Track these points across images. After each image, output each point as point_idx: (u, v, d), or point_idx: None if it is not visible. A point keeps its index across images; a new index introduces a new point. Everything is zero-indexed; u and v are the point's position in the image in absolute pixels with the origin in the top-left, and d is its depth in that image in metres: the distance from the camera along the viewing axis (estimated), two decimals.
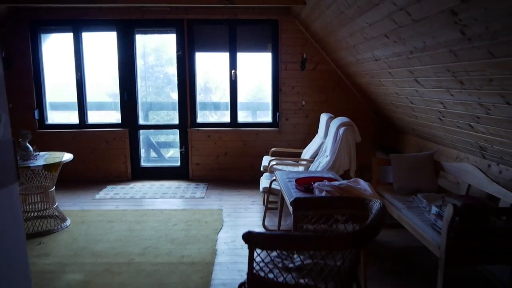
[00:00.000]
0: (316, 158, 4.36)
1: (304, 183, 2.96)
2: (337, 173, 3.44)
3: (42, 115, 5.70)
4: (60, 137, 5.65)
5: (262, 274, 1.87)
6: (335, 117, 4.43)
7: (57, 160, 3.77)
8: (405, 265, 3.14)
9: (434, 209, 2.64)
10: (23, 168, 3.57)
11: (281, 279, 1.82)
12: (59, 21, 5.46)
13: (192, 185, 5.47)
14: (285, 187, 3.01)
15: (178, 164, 5.87)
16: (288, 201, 2.63)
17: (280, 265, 1.97)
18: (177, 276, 2.93)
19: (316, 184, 2.70)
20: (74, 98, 5.67)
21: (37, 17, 5.39)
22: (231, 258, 3.22)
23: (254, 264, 1.82)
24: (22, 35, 5.43)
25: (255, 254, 1.84)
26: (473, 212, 2.16)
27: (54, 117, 5.85)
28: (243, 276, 2.89)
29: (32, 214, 3.87)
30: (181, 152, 5.80)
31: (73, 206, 4.60)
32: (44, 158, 3.86)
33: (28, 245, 3.49)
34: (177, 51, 5.53)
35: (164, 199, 4.87)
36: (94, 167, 5.73)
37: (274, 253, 2.07)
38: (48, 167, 3.65)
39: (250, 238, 1.78)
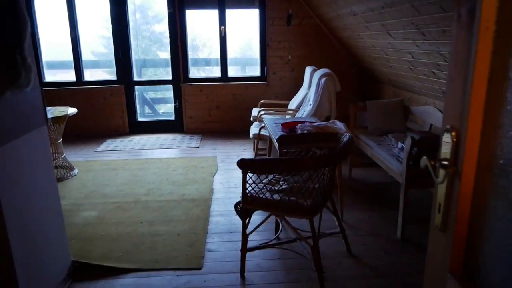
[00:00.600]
0: (301, 108, 4.75)
1: (288, 126, 3.38)
2: (319, 119, 3.85)
3: (39, 74, 5.93)
4: (58, 94, 5.93)
5: (253, 193, 2.31)
6: (318, 69, 4.78)
7: (63, 113, 4.11)
8: (376, 195, 3.64)
9: (399, 144, 3.09)
10: None
11: (269, 196, 2.26)
12: None
13: (187, 137, 5.86)
14: (272, 130, 3.42)
15: (172, 118, 6.23)
16: (274, 139, 3.05)
17: (269, 188, 2.41)
18: (180, 210, 3.39)
19: (298, 125, 3.12)
20: (70, 57, 5.90)
21: None
22: (226, 195, 3.69)
23: (247, 186, 2.25)
24: None
25: (247, 177, 2.27)
26: (427, 143, 2.59)
27: (50, 76, 6.09)
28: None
29: None
30: (175, 106, 6.14)
31: (78, 158, 4.98)
32: (51, 112, 4.18)
33: None
34: (168, 9, 5.73)
35: (162, 149, 5.27)
36: (93, 122, 6.06)
37: (265, 181, 2.51)
38: (56, 119, 3.99)
39: (242, 163, 2.19)
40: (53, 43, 6.07)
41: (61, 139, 4.34)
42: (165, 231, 3.03)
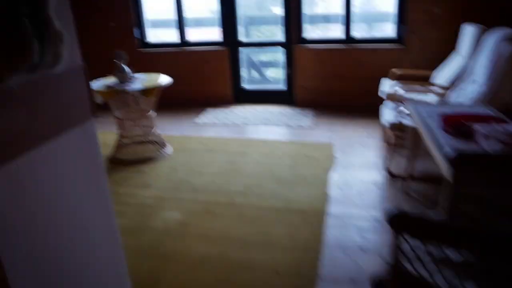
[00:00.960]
0: (456, 85, 3.41)
1: (453, 122, 2.18)
2: (498, 108, 2.54)
3: (142, 34, 5.44)
4: (161, 57, 5.40)
5: (409, 267, 1.29)
6: (488, 28, 3.34)
7: (155, 84, 3.46)
8: None
9: None
10: (120, 91, 3.32)
11: (436, 278, 1.22)
12: None
13: (298, 111, 4.91)
14: (424, 126, 2.26)
15: (282, 86, 5.30)
16: (437, 150, 1.91)
17: (434, 256, 1.36)
18: (283, 227, 2.51)
19: (479, 126, 1.92)
20: (172, 15, 5.26)
21: None
22: (346, 209, 2.69)
23: (401, 255, 1.24)
24: None
25: (402, 240, 1.25)
26: None
27: (153, 35, 5.56)
28: (362, 237, 2.36)
29: (132, 140, 3.72)
30: (288, 74, 5.18)
31: (174, 131, 4.41)
32: (142, 81, 3.57)
33: (129, 174, 3.37)
34: None
35: (267, 126, 4.42)
36: (194, 88, 5.45)
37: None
38: (146, 91, 3.36)
39: (397, 221, 1.18)
40: (156, 1, 5.49)
41: (151, 111, 3.74)
42: (260, 263, 2.19)
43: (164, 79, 3.66)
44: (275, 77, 6.25)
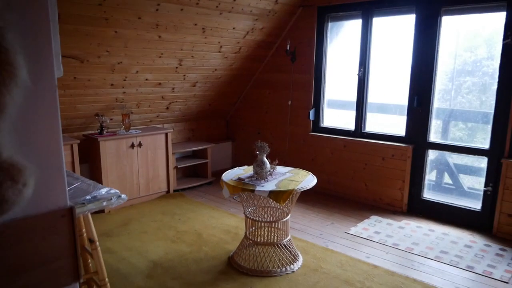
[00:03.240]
0: None
1: None
2: None
3: (318, 116, 5.02)
4: (331, 143, 4.83)
5: None
6: None
7: (290, 187, 2.86)
8: None
9: None
10: (246, 190, 2.85)
11: None
12: (348, 6, 4.52)
13: (495, 247, 3.46)
14: None
15: (478, 206, 3.93)
16: None
17: None
18: None
19: None
20: (352, 97, 4.67)
21: (325, 2, 4.65)
22: None
23: None
24: (309, 24, 4.84)
25: None
26: None
27: (328, 116, 5.06)
28: None
29: (257, 241, 3.16)
30: (485, 192, 3.83)
31: (318, 238, 3.65)
32: (279, 180, 3.03)
33: None
34: (504, 39, 3.53)
35: (440, 263, 3.20)
36: (364, 186, 4.61)
37: None
38: (276, 195, 2.79)
39: None
40: (337, 80, 5.01)
41: (288, 217, 3.12)
42: None
43: (308, 182, 3.03)
44: (474, 187, 4.80)
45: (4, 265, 0.93)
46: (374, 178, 4.51)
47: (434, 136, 4.24)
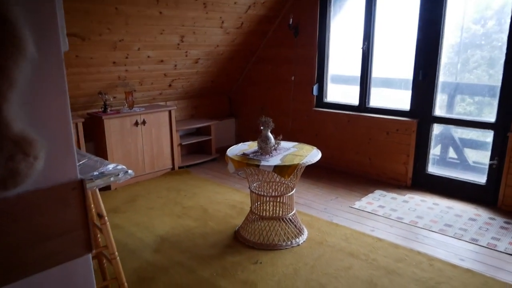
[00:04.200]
0: None
1: None
2: None
3: (321, 91, 4.99)
4: (335, 118, 4.82)
5: None
6: None
7: (295, 161, 2.87)
8: None
9: None
10: (251, 164, 2.86)
11: None
12: None
13: (499, 220, 3.49)
14: None
15: (482, 180, 3.94)
16: None
17: None
18: None
19: None
20: (356, 72, 4.63)
21: None
22: None
23: None
24: None
25: None
26: None
27: (332, 92, 5.02)
28: None
29: (263, 215, 3.20)
30: (491, 165, 3.83)
31: (322, 213, 3.69)
32: (284, 155, 3.04)
33: (243, 262, 2.83)
34: None
35: (444, 235, 3.23)
36: (368, 161, 4.62)
37: None
38: (280, 169, 2.80)
39: None
40: (341, 55, 4.95)
41: (293, 192, 3.15)
42: None
43: (313, 156, 3.03)
44: (479, 161, 4.80)
45: (19, 236, 0.95)
46: (378, 152, 4.52)
47: (439, 110, 4.21)
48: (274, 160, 2.90)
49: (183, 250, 3.01)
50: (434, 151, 4.53)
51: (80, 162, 2.21)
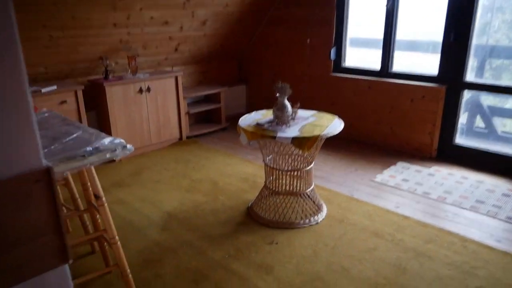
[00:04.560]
0: None
1: None
2: None
3: (339, 55, 4.60)
4: (354, 85, 4.46)
5: None
6: None
7: (315, 133, 2.57)
8: None
9: None
10: (266, 136, 2.56)
11: None
12: None
13: None
14: None
15: None
16: None
17: None
18: None
19: None
20: (378, 34, 4.23)
21: None
22: None
23: None
24: None
25: None
26: None
27: (351, 56, 4.64)
28: None
29: (278, 191, 2.94)
30: None
31: (342, 187, 3.42)
32: (302, 125, 2.73)
33: (258, 242, 2.60)
34: None
35: (476, 213, 2.95)
36: (390, 130, 4.30)
37: None
38: (299, 141, 2.50)
39: None
40: (361, 15, 4.53)
41: (311, 166, 2.86)
42: None
43: (335, 127, 2.73)
44: (508, 131, 4.46)
45: None
46: (401, 122, 4.18)
47: (471, 75, 3.83)
48: (292, 131, 2.60)
49: (192, 228, 2.78)
50: (461, 120, 4.18)
51: (73, 136, 1.94)
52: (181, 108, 4.56)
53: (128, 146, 1.80)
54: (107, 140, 1.82)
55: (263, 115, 3.00)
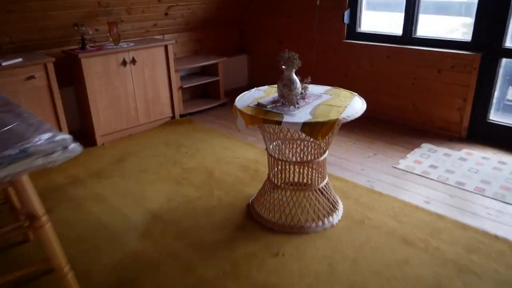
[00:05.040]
0: None
1: None
2: None
3: (354, 19, 3.97)
4: (370, 53, 3.86)
5: None
6: None
7: (332, 116, 2.02)
8: None
9: None
10: (270, 121, 2.02)
11: None
12: None
13: None
14: None
15: None
16: None
17: None
18: None
19: None
20: None
21: None
22: None
23: None
24: None
25: None
26: None
27: (368, 19, 4.00)
28: None
29: (284, 183, 2.42)
30: None
31: (359, 176, 2.90)
32: (314, 105, 2.18)
33: (258, 252, 2.10)
34: None
35: None
36: (412, 106, 3.73)
37: None
38: (312, 127, 1.95)
39: None
40: None
41: (325, 156, 2.33)
42: None
43: (355, 107, 2.18)
44: None
45: None
46: (425, 96, 3.60)
47: (511, 41, 3.22)
48: (302, 113, 2.05)
49: (180, 234, 2.29)
50: (496, 93, 3.59)
51: (4, 129, 1.41)
52: (172, 82, 3.99)
53: (71, 146, 1.27)
54: (44, 137, 1.29)
55: (266, 92, 2.44)
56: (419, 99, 3.65)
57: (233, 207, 2.54)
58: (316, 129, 1.95)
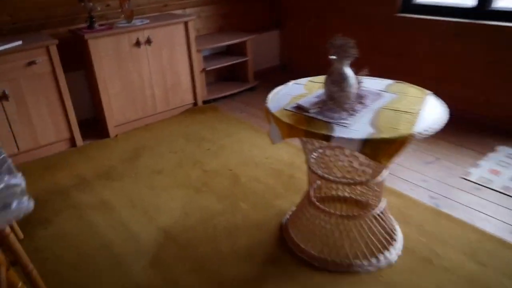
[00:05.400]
0: None
1: None
2: None
3: None
4: (432, 29, 3.17)
5: None
6: None
7: (401, 129, 1.45)
8: None
9: None
10: (313, 134, 1.47)
11: None
12: None
13: None
14: None
15: None
16: None
17: None
18: None
19: None
20: None
21: None
22: None
23: None
24: None
25: None
26: None
27: None
28: None
29: (332, 205, 1.89)
30: None
31: (419, 190, 2.32)
32: (375, 110, 1.60)
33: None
34: None
35: None
36: (484, 98, 3.05)
37: None
38: (375, 146, 1.40)
39: None
40: None
41: (382, 178, 1.77)
42: None
43: (432, 113, 1.59)
44: None
45: None
46: (502, 85, 2.92)
47: None
48: (360, 123, 1.49)
49: (197, 263, 1.83)
50: None
51: None
52: (194, 64, 3.48)
53: (24, 200, 0.79)
54: None
55: (307, 89, 1.88)
56: (494, 89, 2.96)
57: (262, 227, 2.05)
58: (380, 149, 1.40)
